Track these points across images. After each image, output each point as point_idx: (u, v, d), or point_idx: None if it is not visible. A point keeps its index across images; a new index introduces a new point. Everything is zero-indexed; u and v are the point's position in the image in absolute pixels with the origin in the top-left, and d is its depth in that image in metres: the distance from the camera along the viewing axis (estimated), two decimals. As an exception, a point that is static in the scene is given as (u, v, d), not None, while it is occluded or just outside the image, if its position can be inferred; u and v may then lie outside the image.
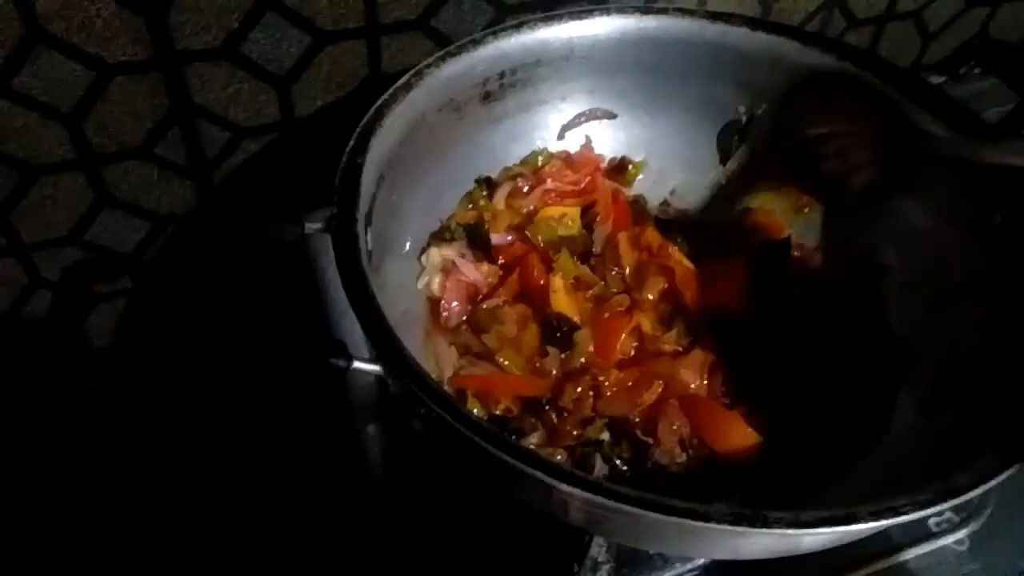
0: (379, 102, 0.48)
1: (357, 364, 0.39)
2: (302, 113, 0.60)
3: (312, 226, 0.43)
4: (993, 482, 0.37)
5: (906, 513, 0.36)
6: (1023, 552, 0.51)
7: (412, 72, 0.49)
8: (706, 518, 0.35)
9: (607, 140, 0.60)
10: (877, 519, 0.36)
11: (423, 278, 0.53)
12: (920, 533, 0.51)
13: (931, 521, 0.51)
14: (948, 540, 0.51)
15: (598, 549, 0.46)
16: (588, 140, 0.59)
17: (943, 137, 0.50)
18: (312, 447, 0.58)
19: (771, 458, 0.48)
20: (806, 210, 0.58)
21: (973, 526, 0.51)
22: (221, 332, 0.67)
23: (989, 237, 0.49)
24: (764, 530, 0.35)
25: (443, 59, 0.51)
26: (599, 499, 0.35)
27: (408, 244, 0.51)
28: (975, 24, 0.79)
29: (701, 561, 0.47)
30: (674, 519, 0.35)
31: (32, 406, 0.70)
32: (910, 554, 0.50)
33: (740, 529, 0.35)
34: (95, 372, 0.70)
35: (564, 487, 0.35)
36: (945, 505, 0.36)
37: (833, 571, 0.48)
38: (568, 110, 0.58)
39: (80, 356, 0.70)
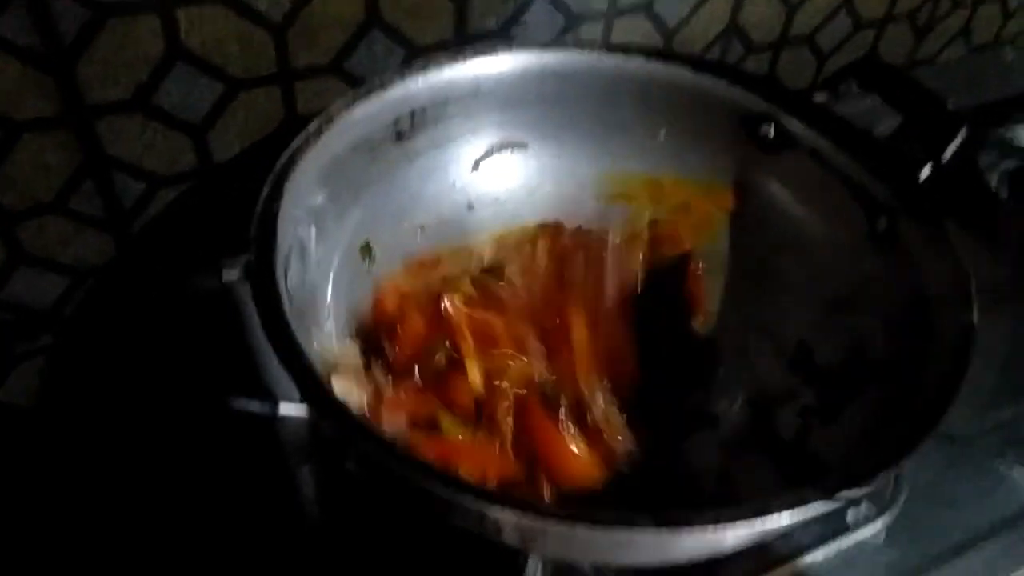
0: (291, 147, 0.49)
1: (283, 407, 0.40)
2: (220, 159, 0.61)
3: (230, 274, 0.44)
4: (895, 468, 0.40)
5: (814, 502, 0.38)
6: (937, 540, 0.54)
7: (323, 116, 0.51)
8: (631, 524, 0.36)
9: (519, 169, 0.62)
10: (789, 509, 0.38)
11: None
12: (839, 527, 0.53)
13: (848, 516, 0.54)
14: (865, 533, 0.53)
15: (534, 568, 0.47)
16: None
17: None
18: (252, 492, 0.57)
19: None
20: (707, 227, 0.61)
21: (888, 518, 0.54)
22: (146, 384, 0.66)
23: (877, 241, 0.52)
24: (687, 529, 0.37)
25: (352, 102, 0.52)
26: (528, 518, 0.37)
27: (330, 287, 0.52)
28: (864, 46, 0.85)
29: (634, 572, 0.49)
30: (601, 530, 0.37)
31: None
32: (831, 548, 0.52)
33: (665, 533, 0.37)
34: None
35: (495, 510, 0.37)
36: (849, 493, 0.39)
37: (759, 569, 0.50)
38: (479, 143, 0.60)
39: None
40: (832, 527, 0.53)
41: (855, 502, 0.53)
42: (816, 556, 0.51)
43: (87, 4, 0.49)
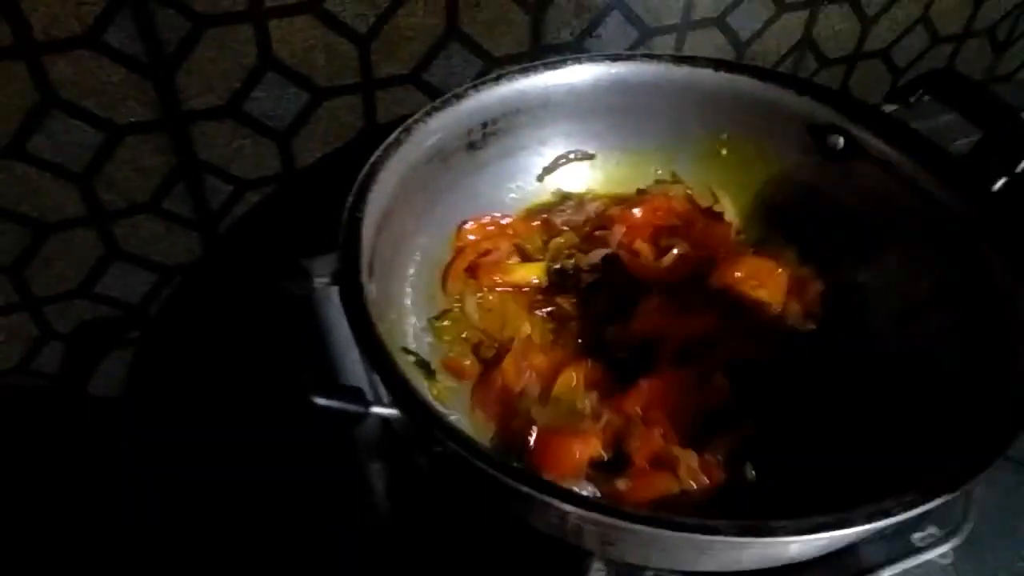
0: (372, 158, 0.50)
1: (374, 409, 0.41)
2: (302, 165, 0.63)
3: (321, 280, 0.46)
4: (974, 480, 0.40)
5: (896, 514, 0.38)
6: (1004, 565, 0.53)
7: (401, 128, 0.52)
8: (714, 531, 0.37)
9: (586, 179, 0.63)
10: (869, 521, 0.38)
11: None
12: (905, 549, 0.52)
13: (915, 536, 0.53)
14: (932, 555, 0.52)
15: (598, 574, 0.48)
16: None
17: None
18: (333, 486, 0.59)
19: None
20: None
21: (956, 541, 0.52)
22: (229, 381, 0.68)
23: (951, 251, 0.52)
24: (768, 539, 0.38)
25: (429, 114, 0.54)
26: (613, 521, 0.38)
27: (408, 290, 0.54)
28: (941, 61, 0.83)
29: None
30: (684, 535, 0.38)
31: (39, 459, 0.72)
32: (896, 569, 0.52)
33: (745, 540, 0.38)
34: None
35: (580, 512, 0.38)
36: (930, 504, 0.39)
37: (825, 588, 0.50)
38: (548, 153, 0.62)
39: (87, 407, 0.71)
40: (899, 548, 0.52)
41: (919, 521, 0.52)
42: (884, 576, 0.51)
43: (188, 15, 0.52)
